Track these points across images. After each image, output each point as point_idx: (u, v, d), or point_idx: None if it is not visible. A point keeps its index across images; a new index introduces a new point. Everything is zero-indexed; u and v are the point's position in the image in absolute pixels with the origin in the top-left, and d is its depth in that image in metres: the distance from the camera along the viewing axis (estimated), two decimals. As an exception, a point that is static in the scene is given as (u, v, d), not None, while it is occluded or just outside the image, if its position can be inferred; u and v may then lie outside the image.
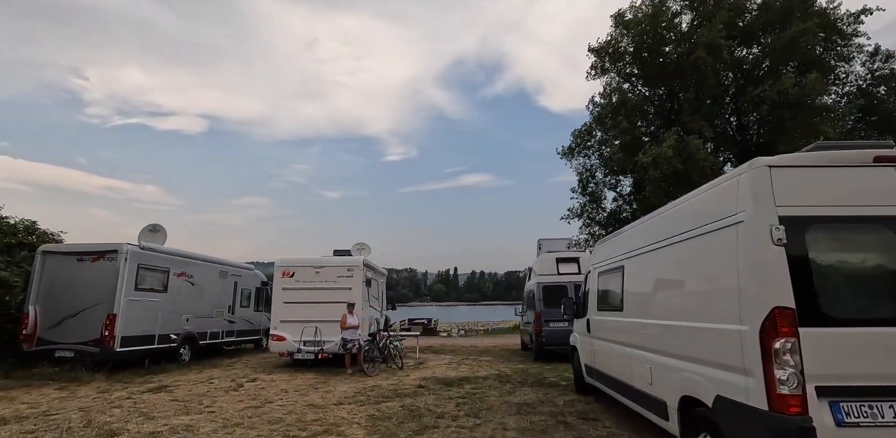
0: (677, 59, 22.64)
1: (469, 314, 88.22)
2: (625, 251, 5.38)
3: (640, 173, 21.89)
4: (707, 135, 21.38)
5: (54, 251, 11.01)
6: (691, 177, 20.16)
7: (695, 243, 3.70)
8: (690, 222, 3.81)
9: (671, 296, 4.20)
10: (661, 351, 4.18)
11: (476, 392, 7.86)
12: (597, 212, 27.30)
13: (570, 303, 7.57)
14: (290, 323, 11.44)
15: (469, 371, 10.56)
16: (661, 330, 4.23)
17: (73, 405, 7.18)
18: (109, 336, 10.14)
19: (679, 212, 4.21)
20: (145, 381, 9.45)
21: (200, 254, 13.55)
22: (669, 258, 4.18)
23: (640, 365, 4.65)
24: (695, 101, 22.18)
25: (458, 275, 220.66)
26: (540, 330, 11.72)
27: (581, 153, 28.66)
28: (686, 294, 3.90)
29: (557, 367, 10.93)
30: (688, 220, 3.89)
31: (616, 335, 5.52)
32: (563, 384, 8.64)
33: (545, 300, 11.97)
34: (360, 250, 14.60)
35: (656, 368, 4.25)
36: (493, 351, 15.64)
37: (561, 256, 12.60)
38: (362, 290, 11.73)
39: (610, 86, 25.45)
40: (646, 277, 4.78)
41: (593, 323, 6.49)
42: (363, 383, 9.07)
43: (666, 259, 4.26)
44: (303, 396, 7.73)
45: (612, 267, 5.76)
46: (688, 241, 3.82)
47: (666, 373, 4.03)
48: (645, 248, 4.74)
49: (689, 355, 3.67)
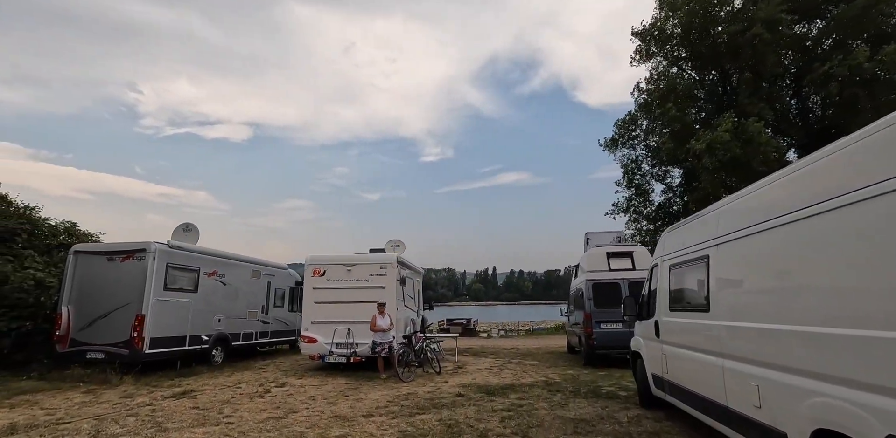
0: (730, 38, 20.89)
1: (509, 313, 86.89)
2: (710, 237, 4.32)
3: (693, 162, 20.29)
4: (768, 118, 19.56)
5: (86, 250, 10.83)
6: (751, 164, 18.48)
7: (837, 217, 2.66)
8: (827, 188, 2.76)
9: (797, 292, 3.06)
10: (778, 365, 3.13)
11: (523, 404, 6.92)
12: (644, 205, 25.71)
13: (632, 303, 6.53)
14: (322, 324, 10.84)
15: (513, 378, 9.63)
16: (777, 337, 3.15)
17: (90, 411, 6.74)
18: (138, 337, 9.81)
19: (809, 174, 3.08)
20: (173, 385, 9.04)
21: (232, 253, 13.19)
22: (790, 240, 3.07)
23: (740, 380, 3.63)
24: (753, 82, 20.35)
25: (497, 274, 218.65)
26: (591, 332, 10.63)
27: (625, 144, 27.12)
28: (828, 289, 2.78)
29: (612, 374, 9.84)
30: (822, 186, 2.83)
31: (698, 341, 4.49)
32: (622, 395, 7.58)
33: (596, 299, 10.87)
34: (395, 247, 13.90)
35: (769, 387, 3.22)
36: (538, 354, 14.62)
37: (612, 250, 11.44)
38: (396, 289, 11.00)
39: (656, 71, 23.86)
40: (746, 268, 3.73)
41: (664, 326, 5.45)
42: (397, 390, 8.31)
43: (782, 242, 3.16)
44: (331, 405, 7.02)
45: (691, 259, 4.72)
46: (824, 216, 2.76)
47: (787, 396, 3.01)
48: (744, 231, 3.69)
49: (831, 373, 2.63)
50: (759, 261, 3.56)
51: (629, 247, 11.99)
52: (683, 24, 22.06)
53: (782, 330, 3.10)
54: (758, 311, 3.49)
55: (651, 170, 26.72)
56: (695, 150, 19.08)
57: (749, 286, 3.76)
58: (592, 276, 11.13)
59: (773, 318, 3.23)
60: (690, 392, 4.64)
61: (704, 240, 4.43)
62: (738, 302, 3.84)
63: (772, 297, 3.36)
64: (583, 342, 11.30)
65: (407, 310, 12.02)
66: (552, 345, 17.97)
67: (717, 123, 19.08)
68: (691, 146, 19.26)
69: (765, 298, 3.47)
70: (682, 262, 4.97)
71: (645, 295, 6.47)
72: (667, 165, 25.30)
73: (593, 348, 10.65)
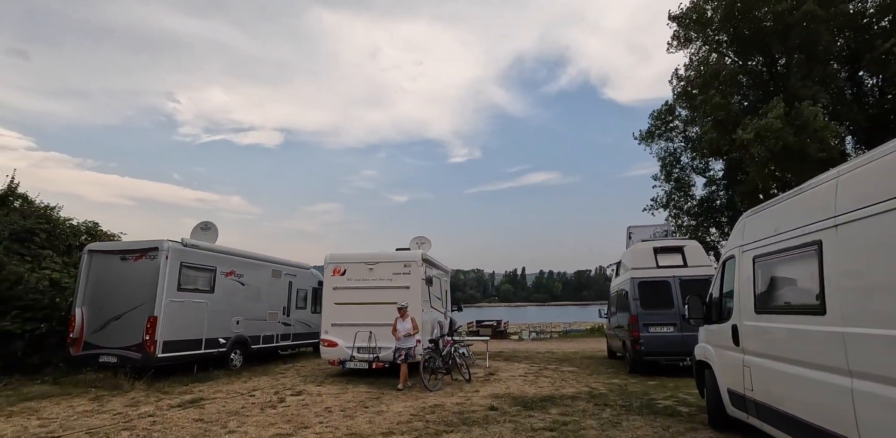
0: (777, 17, 19.35)
1: (539, 315, 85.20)
2: (823, 216, 3.29)
3: (741, 152, 18.80)
4: (823, 101, 17.93)
5: (99, 250, 10.40)
6: (806, 152, 16.94)
7: None
8: None
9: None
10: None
11: (567, 422, 5.95)
12: (684, 200, 24.22)
13: (698, 303, 5.48)
14: (342, 326, 10.12)
15: (552, 387, 8.64)
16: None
17: (87, 423, 6.14)
18: (150, 340, 9.27)
19: None
20: (184, 391, 8.44)
21: (251, 252, 12.62)
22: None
23: (882, 410, 2.62)
24: (806, 63, 18.71)
25: (526, 275, 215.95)
26: (637, 337, 9.54)
27: (662, 136, 25.72)
28: None
29: (664, 383, 8.75)
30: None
31: (806, 352, 3.47)
32: (683, 411, 6.50)
33: (642, 299, 9.78)
34: (421, 244, 13.07)
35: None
36: (575, 359, 13.54)
37: (660, 245, 10.30)
38: (422, 289, 10.17)
39: (696, 57, 22.38)
40: (887, 255, 2.72)
41: (747, 332, 4.42)
42: (423, 401, 7.46)
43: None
44: (347, 419, 6.23)
45: (791, 246, 3.70)
46: None
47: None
48: (885, 205, 2.68)
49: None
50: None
51: (679, 242, 10.82)
52: (725, 5, 20.59)
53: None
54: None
55: (690, 163, 25.24)
56: (742, 140, 17.64)
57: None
58: (638, 274, 10.03)
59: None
60: (792, 417, 3.62)
61: (814, 222, 3.40)
62: (878, 303, 2.81)
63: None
64: (627, 347, 10.21)
65: (434, 312, 11.18)
66: (589, 349, 16.83)
67: (766, 110, 17.60)
68: (737, 136, 17.84)
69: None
70: (775, 252, 3.94)
71: (713, 295, 5.43)
72: (708, 157, 23.78)
73: (640, 354, 9.56)
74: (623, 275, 11.15)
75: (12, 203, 12.79)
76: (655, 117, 25.19)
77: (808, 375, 3.40)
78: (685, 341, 9.24)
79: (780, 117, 16.64)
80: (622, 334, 10.75)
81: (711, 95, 19.41)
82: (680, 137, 25.30)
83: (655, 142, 25.44)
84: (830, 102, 18.90)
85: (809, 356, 3.41)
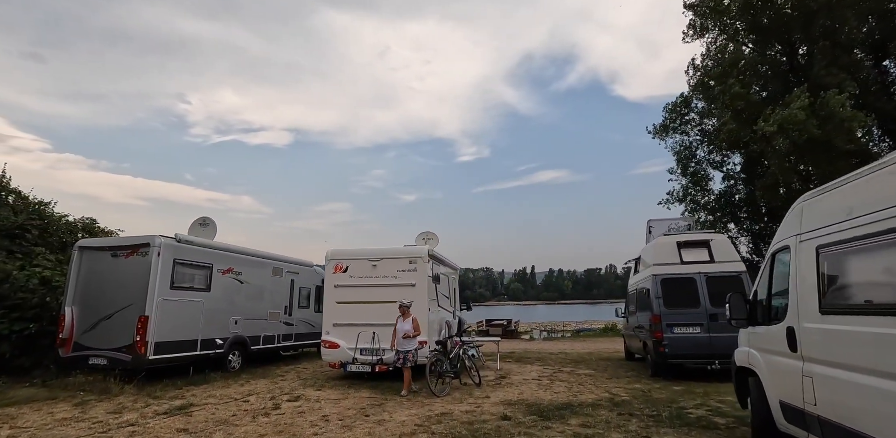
0: (799, 3, 18.46)
1: (548, 313, 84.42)
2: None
3: (762, 145, 17.95)
4: (850, 89, 17.02)
5: (90, 246, 9.90)
6: (833, 144, 16.08)
7: None
8: None
9: None
10: None
11: (590, 435, 5.30)
12: (701, 195, 23.36)
13: (741, 302, 4.80)
14: (344, 327, 9.55)
15: (568, 393, 7.99)
16: None
17: (61, 434, 5.62)
18: (141, 341, 8.76)
19: None
20: (175, 396, 7.91)
21: (249, 249, 12.08)
22: None
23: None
24: (830, 50, 17.82)
25: (536, 274, 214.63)
26: (661, 338, 8.85)
27: (677, 129, 24.84)
28: None
29: (691, 389, 8.05)
30: None
31: (892, 362, 2.81)
32: (720, 423, 5.80)
33: (665, 297, 9.08)
34: (427, 240, 12.46)
35: None
36: (590, 361, 12.86)
37: (684, 239, 9.57)
38: (428, 287, 9.56)
39: (714, 46, 21.54)
40: None
41: (809, 336, 3.75)
42: (429, 408, 6.84)
43: None
44: (345, 430, 5.63)
45: (871, 233, 3.03)
46: None
47: None
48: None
49: None
50: None
51: (705, 235, 10.09)
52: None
53: None
54: None
55: (707, 157, 24.38)
56: (763, 132, 16.80)
57: None
58: (660, 270, 9.32)
59: None
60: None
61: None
62: None
63: None
64: (649, 349, 9.52)
65: (441, 311, 10.57)
66: (604, 349, 16.13)
67: (789, 100, 16.74)
68: (759, 128, 16.98)
69: None
70: (849, 240, 3.27)
71: (759, 292, 4.75)
72: (726, 150, 22.91)
73: (664, 356, 8.86)
74: (643, 272, 10.44)
75: (4, 198, 12.37)
76: (670, 110, 24.34)
77: (893, 389, 2.74)
78: (713, 343, 8.57)
79: (805, 108, 15.79)
80: (643, 335, 10.06)
81: (731, 84, 18.56)
82: (696, 130, 24.45)
83: (670, 136, 24.62)
84: (858, 91, 17.99)
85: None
